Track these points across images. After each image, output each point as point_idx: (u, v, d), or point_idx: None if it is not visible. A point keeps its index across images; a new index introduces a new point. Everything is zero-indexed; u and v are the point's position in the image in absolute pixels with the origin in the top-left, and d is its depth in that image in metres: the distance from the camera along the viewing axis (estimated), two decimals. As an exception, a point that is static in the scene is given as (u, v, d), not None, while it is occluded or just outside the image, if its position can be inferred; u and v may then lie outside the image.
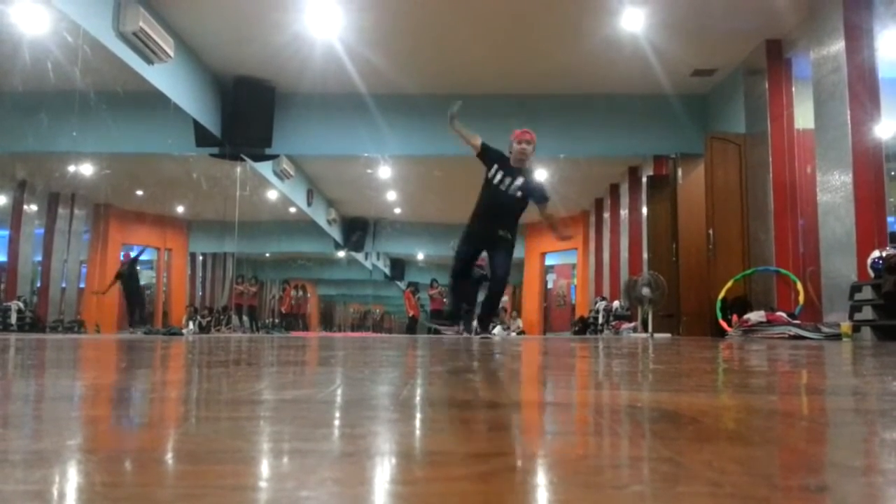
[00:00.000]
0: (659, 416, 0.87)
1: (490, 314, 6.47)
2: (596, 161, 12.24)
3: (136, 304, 13.74)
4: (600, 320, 12.87)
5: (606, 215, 14.18)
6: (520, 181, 5.86)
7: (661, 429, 0.78)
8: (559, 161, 12.36)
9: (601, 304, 13.16)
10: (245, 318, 16.93)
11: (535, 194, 5.99)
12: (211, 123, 10.22)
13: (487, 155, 5.95)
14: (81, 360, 2.50)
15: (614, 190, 13.61)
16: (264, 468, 0.56)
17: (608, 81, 10.02)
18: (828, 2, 7.11)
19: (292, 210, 14.85)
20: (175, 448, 0.65)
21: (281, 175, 12.11)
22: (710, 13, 7.98)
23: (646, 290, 8.80)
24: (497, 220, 5.93)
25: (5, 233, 13.47)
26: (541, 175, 13.55)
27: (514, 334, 15.12)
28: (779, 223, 8.24)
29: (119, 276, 13.73)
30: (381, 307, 26.04)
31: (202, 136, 10.34)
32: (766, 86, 8.50)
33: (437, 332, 5.93)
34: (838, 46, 6.91)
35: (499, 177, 5.85)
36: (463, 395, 1.15)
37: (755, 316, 7.61)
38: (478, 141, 5.99)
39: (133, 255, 13.98)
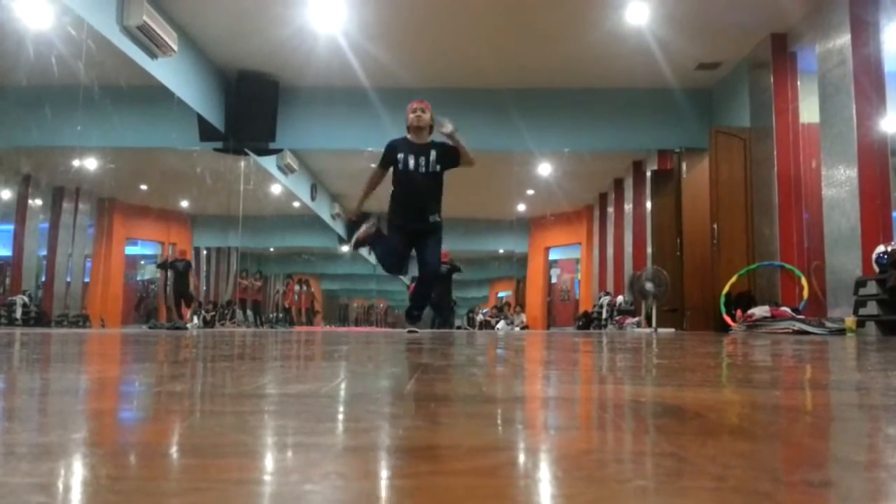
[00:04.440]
0: (662, 411, 0.87)
1: (421, 307, 5.75)
2: (600, 155, 12.21)
3: (184, 299, 13.81)
4: (604, 315, 12.88)
5: (610, 210, 14.16)
6: (434, 155, 5.30)
7: (665, 424, 0.78)
8: (563, 155, 12.36)
9: (605, 299, 13.16)
10: (249, 312, 16.97)
11: (449, 160, 5.36)
12: (215, 118, 10.23)
13: (387, 154, 5.44)
14: (86, 354, 2.51)
15: (618, 184, 13.59)
16: (268, 462, 0.56)
17: (612, 75, 10.00)
18: (834, -5, 7.07)
19: (296, 204, 14.88)
20: (179, 442, 0.66)
21: (285, 169, 12.11)
22: (715, 6, 7.94)
23: (649, 285, 8.80)
24: (421, 205, 5.38)
25: (10, 227, 13.51)
26: (545, 170, 13.62)
27: (517, 329, 15.14)
28: (783, 218, 8.22)
29: (171, 267, 13.77)
30: (384, 302, 26.06)
31: (206, 131, 10.35)
32: (772, 80, 8.46)
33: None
34: (844, 40, 6.88)
35: (411, 161, 5.30)
36: (466, 389, 1.15)
37: (759, 311, 7.61)
38: (374, 169, 5.61)
39: (183, 263, 13.99)
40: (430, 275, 5.49)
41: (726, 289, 8.38)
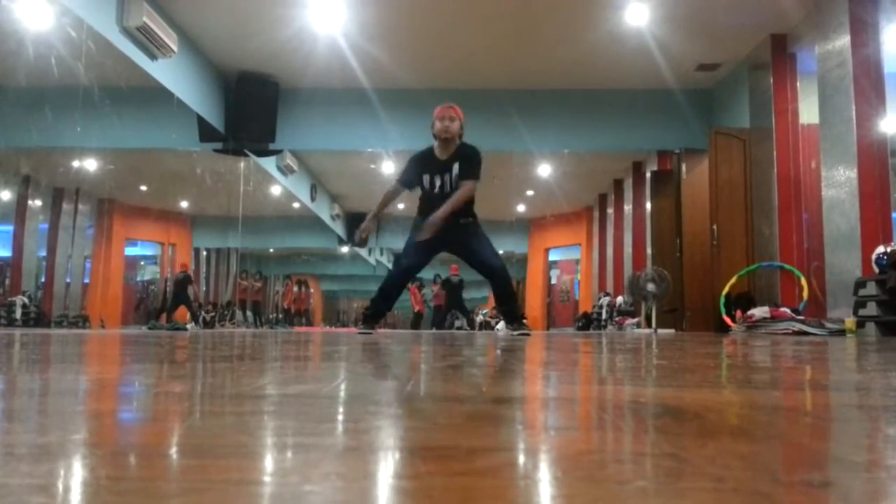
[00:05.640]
0: (662, 412, 0.87)
1: (515, 305, 5.40)
2: (600, 156, 12.23)
3: (183, 306, 13.90)
4: (604, 316, 12.88)
5: (610, 211, 14.17)
6: (456, 169, 4.83)
7: (665, 424, 0.78)
8: (563, 156, 12.37)
9: (605, 300, 13.17)
10: (249, 313, 16.98)
11: (467, 173, 4.86)
12: (214, 119, 10.23)
13: (411, 172, 4.96)
14: (86, 354, 2.50)
15: (618, 185, 13.60)
16: (268, 463, 0.56)
17: (612, 76, 10.00)
18: (833, -4, 7.08)
19: (296, 205, 14.89)
20: (179, 442, 0.66)
21: (284, 170, 12.12)
22: (715, 7, 7.95)
23: (651, 286, 8.79)
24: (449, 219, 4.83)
25: (10, 228, 13.51)
26: (545, 170, 13.61)
27: (517, 330, 15.15)
28: (783, 218, 8.22)
29: (176, 282, 13.88)
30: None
31: (206, 132, 10.35)
32: (771, 80, 8.47)
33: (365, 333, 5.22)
34: (843, 41, 6.89)
35: (436, 183, 4.83)
36: (466, 390, 1.15)
37: (759, 311, 7.61)
38: (395, 186, 5.05)
39: (182, 276, 14.07)
40: (501, 275, 5.08)
41: (726, 289, 8.38)
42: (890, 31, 6.85)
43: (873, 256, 6.25)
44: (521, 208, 17.10)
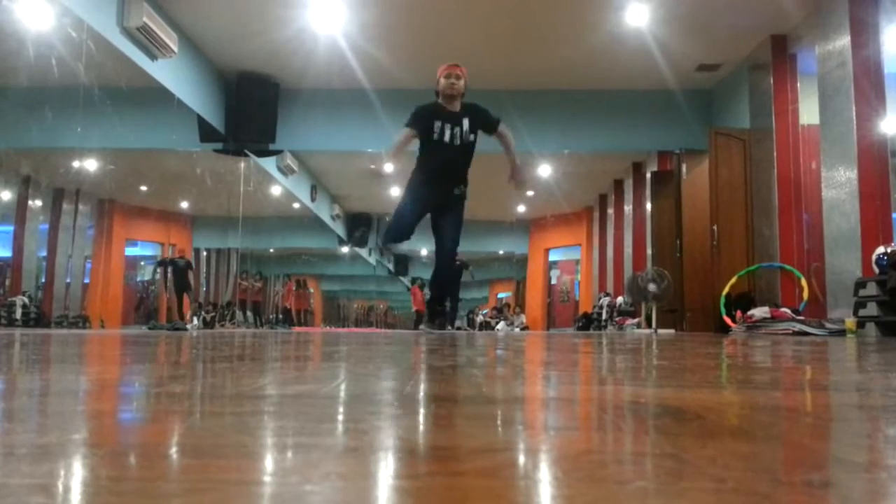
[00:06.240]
0: (662, 412, 0.87)
1: (440, 299, 5.34)
2: (600, 157, 12.22)
3: (185, 293, 13.83)
4: (604, 316, 12.88)
5: (610, 211, 14.17)
6: (466, 124, 4.93)
7: (665, 425, 0.78)
8: (563, 156, 12.36)
9: (605, 300, 13.17)
10: (249, 313, 16.98)
11: (483, 124, 5.03)
12: (215, 119, 10.23)
13: (421, 120, 4.95)
14: (86, 355, 2.50)
15: (618, 186, 13.59)
16: (268, 463, 0.56)
17: (612, 76, 10.00)
18: (833, -4, 7.08)
19: (296, 206, 14.88)
20: (179, 443, 0.66)
21: (285, 171, 12.12)
22: (715, 8, 7.95)
23: (651, 286, 8.78)
24: (450, 178, 5.01)
25: (10, 228, 13.50)
26: (545, 171, 13.61)
27: (517, 330, 15.14)
28: (783, 219, 8.22)
29: (171, 264, 13.80)
30: (384, 303, 26.08)
31: (206, 132, 10.35)
32: (771, 81, 8.47)
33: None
34: (844, 41, 6.89)
35: (447, 132, 4.89)
36: (466, 390, 1.15)
37: (759, 312, 7.60)
38: (407, 131, 4.99)
39: (183, 262, 14.00)
40: (451, 257, 5.03)
41: (726, 290, 8.38)
42: (890, 31, 6.85)
43: (873, 257, 6.25)
44: (521, 209, 17.10)
